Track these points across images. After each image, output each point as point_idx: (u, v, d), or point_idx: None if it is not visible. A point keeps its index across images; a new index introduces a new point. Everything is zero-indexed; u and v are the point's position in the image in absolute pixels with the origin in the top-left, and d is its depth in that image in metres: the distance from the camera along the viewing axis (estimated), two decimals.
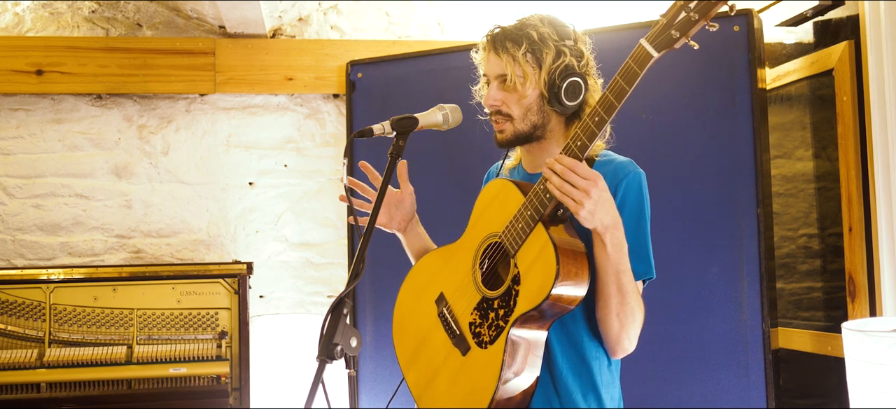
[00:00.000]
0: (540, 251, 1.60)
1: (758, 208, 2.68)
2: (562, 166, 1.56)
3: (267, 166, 3.65)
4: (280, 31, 3.67)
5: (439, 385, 1.76)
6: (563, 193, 1.56)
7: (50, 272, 3.13)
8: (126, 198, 3.57)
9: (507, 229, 1.67)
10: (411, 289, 1.93)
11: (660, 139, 2.83)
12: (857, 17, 2.56)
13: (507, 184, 1.75)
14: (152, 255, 3.56)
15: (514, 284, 1.65)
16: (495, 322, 1.66)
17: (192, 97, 3.62)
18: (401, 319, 1.93)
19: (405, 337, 1.90)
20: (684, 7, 1.47)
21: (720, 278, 2.73)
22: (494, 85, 1.78)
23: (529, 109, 1.74)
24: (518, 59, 1.71)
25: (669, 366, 2.76)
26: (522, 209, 1.65)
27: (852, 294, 2.58)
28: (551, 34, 1.72)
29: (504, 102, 1.76)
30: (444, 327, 1.78)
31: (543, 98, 1.73)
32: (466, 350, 1.71)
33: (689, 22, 1.47)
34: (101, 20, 3.60)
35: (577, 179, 1.55)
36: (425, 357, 1.82)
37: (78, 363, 3.02)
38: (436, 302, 1.83)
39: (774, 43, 2.98)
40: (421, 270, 1.92)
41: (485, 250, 1.75)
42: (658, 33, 1.50)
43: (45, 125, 3.54)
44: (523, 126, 1.76)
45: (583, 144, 1.57)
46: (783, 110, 2.94)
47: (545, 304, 1.58)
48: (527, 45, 1.71)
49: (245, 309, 3.19)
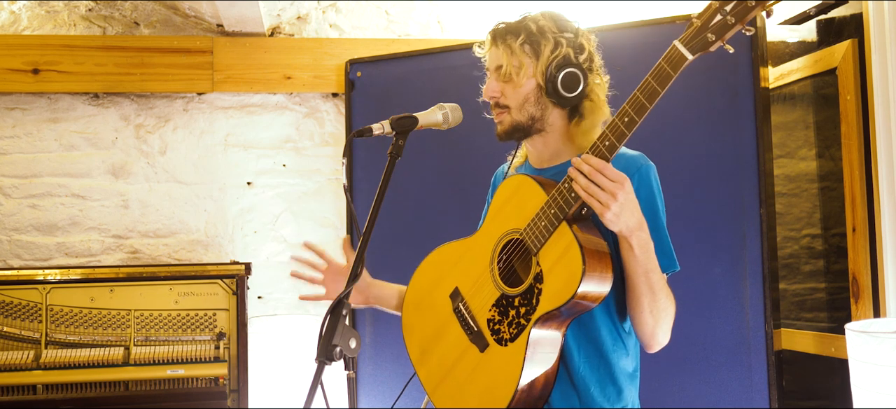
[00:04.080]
0: (564, 250, 1.59)
1: (761, 208, 2.67)
2: (589, 167, 1.55)
3: (265, 166, 3.63)
4: (278, 29, 3.65)
5: (455, 381, 1.76)
6: (588, 195, 1.55)
7: (46, 273, 3.11)
8: (123, 198, 3.55)
9: (530, 226, 1.66)
10: (423, 284, 1.91)
11: (662, 138, 2.80)
12: (861, 15, 2.54)
13: (527, 180, 1.73)
14: (150, 255, 3.54)
15: (537, 282, 1.64)
16: (516, 320, 1.66)
17: (189, 96, 3.60)
18: (412, 312, 1.91)
19: (417, 331, 1.89)
20: (720, 10, 1.45)
21: (723, 279, 2.71)
22: (493, 76, 1.80)
23: (527, 99, 1.75)
24: (515, 50, 1.73)
25: (672, 367, 2.74)
26: (545, 207, 1.64)
27: (856, 295, 2.57)
28: (550, 27, 1.73)
29: (501, 92, 1.77)
30: (461, 323, 1.77)
31: (541, 89, 1.74)
32: (484, 347, 1.71)
33: (726, 25, 1.45)
34: (97, 18, 3.58)
35: (605, 181, 1.54)
36: (440, 352, 1.81)
37: (74, 364, 3.00)
38: (450, 297, 1.82)
39: (777, 41, 2.96)
40: (433, 264, 1.91)
41: (504, 247, 1.74)
42: (693, 35, 1.48)
43: (42, 124, 3.52)
44: (520, 117, 1.76)
45: (611, 145, 1.56)
46: (786, 109, 2.92)
47: (570, 303, 1.58)
48: (524, 36, 1.73)
49: (243, 310, 3.17)
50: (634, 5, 3.21)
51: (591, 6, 3.36)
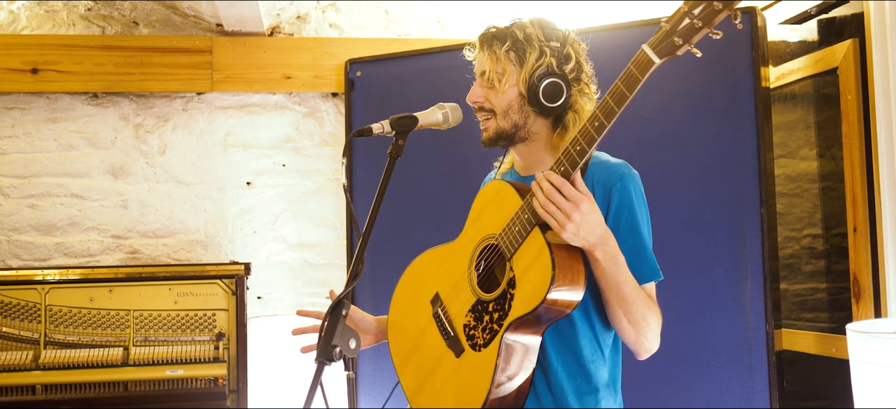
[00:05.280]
0: (536, 256, 1.59)
1: (761, 207, 2.66)
2: (548, 185, 1.56)
3: (265, 166, 3.63)
4: (278, 29, 3.65)
5: (432, 387, 1.76)
6: (546, 212, 1.56)
7: (45, 273, 3.10)
8: (122, 198, 3.54)
9: (504, 231, 1.66)
10: (407, 288, 1.92)
11: (662, 139, 2.80)
12: (862, 14, 2.54)
13: (505, 185, 1.73)
14: (149, 255, 3.54)
15: (510, 287, 1.64)
16: (490, 325, 1.66)
17: (189, 96, 3.59)
18: (396, 318, 1.92)
19: (400, 337, 1.89)
20: (688, 14, 1.44)
21: (723, 279, 2.71)
22: (478, 82, 1.80)
23: (510, 106, 1.74)
24: (499, 57, 1.73)
25: (672, 367, 2.73)
26: (519, 213, 1.64)
27: (857, 295, 2.56)
28: (538, 35, 1.72)
29: (485, 98, 1.77)
30: (439, 328, 1.78)
31: (523, 98, 1.73)
32: (460, 352, 1.71)
33: (693, 29, 1.44)
34: (97, 18, 3.57)
35: (561, 200, 1.54)
36: (419, 358, 1.81)
37: (74, 364, 3.00)
38: (431, 302, 1.82)
39: (778, 41, 2.96)
40: (417, 269, 1.92)
41: (481, 252, 1.74)
42: (661, 39, 1.47)
43: (41, 124, 3.51)
44: (504, 124, 1.75)
45: (582, 149, 1.55)
46: (787, 109, 2.92)
47: (540, 309, 1.57)
48: (510, 43, 1.72)
49: (243, 310, 3.17)
50: (626, 6, 3.20)
51: (582, 7, 3.35)
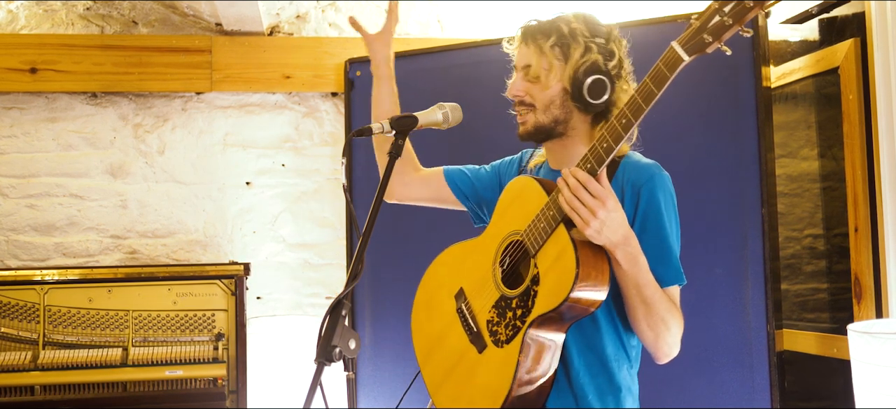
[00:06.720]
0: (560, 253, 1.59)
1: (762, 207, 2.65)
2: (574, 181, 1.55)
3: (264, 166, 3.62)
4: (277, 28, 3.64)
5: (455, 382, 1.76)
6: (571, 209, 1.56)
7: (44, 273, 3.10)
8: (121, 198, 3.54)
9: (529, 228, 1.66)
10: (431, 282, 1.92)
11: (662, 138, 2.78)
12: (863, 14, 2.53)
13: (531, 181, 1.73)
14: (148, 256, 3.53)
15: (534, 284, 1.63)
16: (513, 322, 1.65)
17: (188, 96, 3.59)
18: (419, 312, 1.92)
19: (423, 331, 1.89)
20: (718, 11, 1.44)
21: (724, 279, 2.70)
22: (519, 75, 1.78)
23: (552, 101, 1.73)
24: (545, 51, 1.72)
25: (672, 367, 2.70)
26: (545, 209, 1.63)
27: (858, 296, 2.56)
28: (582, 30, 1.71)
29: (527, 92, 1.76)
30: (462, 324, 1.77)
31: (567, 93, 1.72)
32: (483, 348, 1.70)
33: (723, 26, 1.43)
34: (95, 17, 3.56)
35: (587, 197, 1.54)
36: (442, 353, 1.81)
37: (72, 365, 2.99)
38: (455, 297, 1.82)
39: (779, 40, 2.95)
40: (442, 263, 1.92)
41: (506, 248, 1.74)
42: (690, 37, 1.47)
43: (40, 124, 3.50)
44: (544, 119, 1.74)
45: (609, 147, 1.55)
46: (788, 109, 2.91)
47: (564, 306, 1.56)
48: (556, 38, 1.71)
49: (242, 311, 3.16)
50: (638, 5, 3.19)
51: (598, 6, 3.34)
